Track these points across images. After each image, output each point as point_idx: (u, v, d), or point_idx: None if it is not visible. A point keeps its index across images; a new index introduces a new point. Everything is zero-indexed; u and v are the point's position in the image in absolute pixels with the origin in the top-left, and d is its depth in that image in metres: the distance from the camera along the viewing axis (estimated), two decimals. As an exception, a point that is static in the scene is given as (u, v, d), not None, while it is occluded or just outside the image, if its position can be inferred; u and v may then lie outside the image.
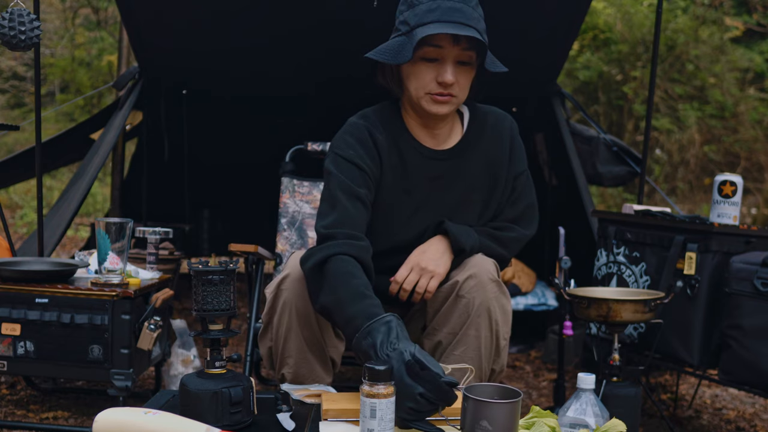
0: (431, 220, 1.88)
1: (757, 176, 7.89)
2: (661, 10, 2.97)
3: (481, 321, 1.80)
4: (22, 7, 2.34)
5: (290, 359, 1.84)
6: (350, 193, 1.78)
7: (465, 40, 1.74)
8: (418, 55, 1.76)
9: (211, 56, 3.70)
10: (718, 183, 2.51)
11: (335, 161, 1.83)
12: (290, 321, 1.82)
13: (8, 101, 10.58)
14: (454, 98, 1.80)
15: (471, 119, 1.95)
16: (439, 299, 1.85)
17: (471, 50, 1.76)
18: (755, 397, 3.16)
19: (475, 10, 1.77)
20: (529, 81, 3.83)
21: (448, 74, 1.75)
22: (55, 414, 2.55)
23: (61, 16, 10.07)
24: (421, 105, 1.81)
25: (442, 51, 1.75)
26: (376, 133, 1.87)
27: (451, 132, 1.93)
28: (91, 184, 3.25)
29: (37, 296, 2.31)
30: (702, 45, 7.96)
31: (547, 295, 3.87)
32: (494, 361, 1.88)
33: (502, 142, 1.94)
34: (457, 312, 1.81)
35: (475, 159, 1.92)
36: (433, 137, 1.91)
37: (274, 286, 1.87)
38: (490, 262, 1.84)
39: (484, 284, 1.79)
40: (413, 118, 1.90)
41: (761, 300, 2.22)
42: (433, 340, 1.88)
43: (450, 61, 1.76)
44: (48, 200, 6.81)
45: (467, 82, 1.81)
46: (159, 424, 1.33)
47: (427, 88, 1.78)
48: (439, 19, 1.71)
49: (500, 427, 1.29)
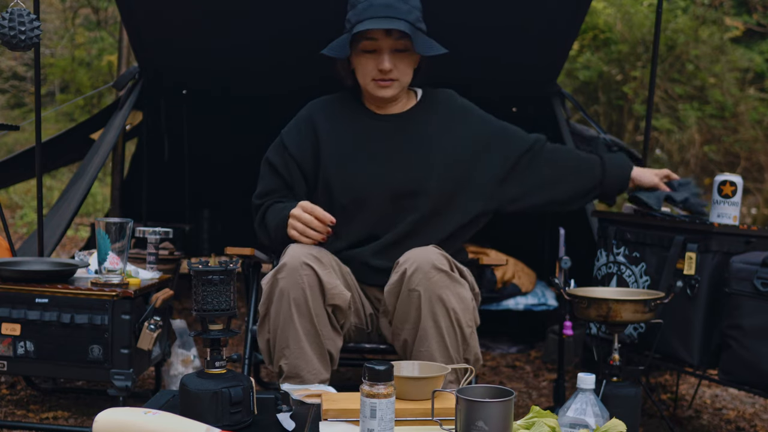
0: (392, 176, 2.09)
1: (757, 176, 7.89)
2: (661, 10, 2.97)
3: (437, 311, 1.84)
4: (22, 7, 2.34)
5: (287, 350, 1.85)
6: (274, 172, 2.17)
7: (396, 31, 1.99)
8: (360, 49, 2.05)
9: (211, 56, 3.70)
10: (718, 183, 2.51)
11: (271, 148, 2.21)
12: (288, 310, 1.84)
13: (8, 101, 10.57)
14: (396, 81, 2.08)
15: (423, 96, 2.23)
16: (393, 293, 1.91)
17: (404, 39, 2.02)
18: (755, 397, 3.16)
19: (406, 4, 2.02)
20: (529, 81, 3.83)
21: (386, 62, 2.03)
22: (55, 414, 2.55)
23: (61, 16, 10.06)
24: (368, 91, 2.11)
25: (378, 43, 2.03)
26: (317, 114, 2.18)
27: (405, 106, 2.19)
28: (91, 184, 3.24)
29: (37, 296, 2.30)
30: (702, 45, 7.95)
31: (547, 295, 3.87)
32: (464, 351, 1.89)
33: (457, 116, 2.20)
34: (413, 306, 1.86)
35: (431, 122, 2.16)
36: (387, 110, 2.17)
37: (270, 276, 1.88)
38: (434, 252, 1.91)
39: (429, 274, 1.84)
40: (368, 101, 2.19)
41: (761, 300, 2.22)
42: (400, 340, 1.92)
43: (386, 50, 2.04)
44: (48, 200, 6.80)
45: (407, 65, 2.08)
46: (159, 424, 1.33)
47: (370, 75, 2.07)
48: (373, 15, 1.99)
49: (496, 427, 1.29)
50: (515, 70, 3.71)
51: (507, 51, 3.53)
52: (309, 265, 1.86)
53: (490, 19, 3.32)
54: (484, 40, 3.39)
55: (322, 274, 1.87)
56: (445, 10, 2.41)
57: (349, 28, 2.05)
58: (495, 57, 3.54)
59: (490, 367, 3.52)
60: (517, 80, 3.84)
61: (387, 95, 2.09)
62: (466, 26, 3.18)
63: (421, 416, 1.51)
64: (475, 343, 1.92)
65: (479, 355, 1.95)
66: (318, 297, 1.87)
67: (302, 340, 1.85)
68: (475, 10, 3.23)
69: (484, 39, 3.37)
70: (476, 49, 3.31)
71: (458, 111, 2.22)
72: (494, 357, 3.72)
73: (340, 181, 2.09)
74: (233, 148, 4.54)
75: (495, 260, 2.37)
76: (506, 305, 3.78)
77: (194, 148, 4.39)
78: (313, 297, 1.86)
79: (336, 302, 1.89)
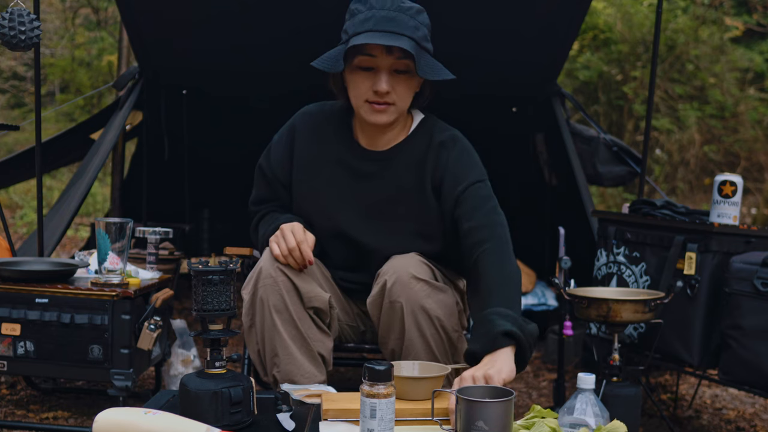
0: (354, 216, 1.92)
1: (757, 176, 7.89)
2: (661, 10, 2.97)
3: (421, 321, 1.80)
4: (22, 7, 2.34)
5: (277, 358, 1.83)
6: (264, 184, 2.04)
7: (398, 49, 1.74)
8: (355, 65, 1.79)
9: (211, 56, 3.70)
10: (718, 183, 2.51)
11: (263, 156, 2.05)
12: (270, 318, 1.82)
13: (8, 101, 10.57)
14: (392, 106, 1.81)
15: (417, 128, 1.94)
16: (376, 305, 1.85)
17: (406, 59, 1.76)
18: (755, 397, 3.16)
19: (413, 19, 1.76)
20: (529, 81, 3.83)
21: (382, 83, 1.76)
22: (55, 414, 2.55)
23: (61, 16, 10.06)
24: (361, 114, 1.84)
25: (376, 60, 1.76)
26: (299, 128, 1.97)
27: (397, 136, 1.93)
28: (91, 184, 3.25)
29: (37, 296, 2.30)
30: (702, 45, 7.95)
31: (547, 295, 3.87)
32: (453, 355, 1.86)
33: (440, 154, 1.89)
34: (396, 317, 1.81)
35: (405, 164, 1.90)
36: (373, 138, 1.92)
37: (250, 285, 1.85)
38: (415, 261, 1.82)
39: (408, 284, 1.78)
40: (358, 126, 1.94)
41: (761, 300, 2.22)
42: (387, 349, 1.88)
43: (385, 70, 1.77)
44: (48, 200, 6.80)
45: (406, 89, 1.82)
46: (159, 424, 1.33)
47: (364, 96, 1.80)
48: (373, 29, 1.72)
49: (496, 427, 1.29)
50: (515, 70, 3.71)
51: (507, 51, 3.53)
52: (282, 271, 1.82)
53: (490, 20, 3.32)
54: (484, 41, 3.39)
55: (296, 280, 1.82)
56: (445, 11, 2.41)
57: (345, 39, 1.79)
58: (495, 57, 3.54)
59: (490, 367, 3.52)
60: (517, 80, 3.84)
61: (380, 121, 1.83)
62: (468, 27, 3.19)
63: (421, 416, 1.51)
64: (463, 346, 1.87)
65: None
66: (297, 301, 1.82)
67: (290, 346, 1.82)
68: (475, 11, 3.24)
69: (484, 39, 3.38)
70: (476, 49, 3.31)
71: (444, 164, 1.89)
72: (494, 357, 3.71)
73: (307, 210, 1.97)
74: (233, 148, 4.54)
75: (495, 260, 2.36)
76: (506, 305, 3.77)
77: (194, 148, 4.39)
78: (292, 301, 1.81)
79: (315, 305, 1.85)
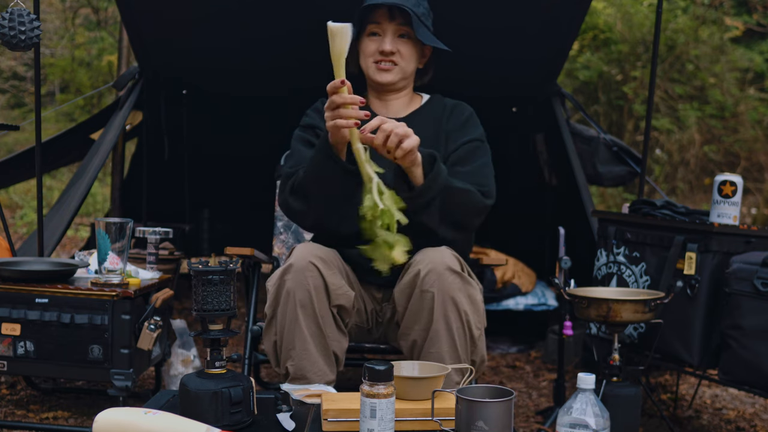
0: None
1: (757, 176, 7.88)
2: (661, 10, 2.97)
3: (449, 313, 1.83)
4: (22, 7, 2.34)
5: (293, 351, 1.85)
6: (306, 142, 2.12)
7: (400, 15, 2.06)
8: (365, 32, 2.11)
9: (211, 56, 3.70)
10: (718, 183, 2.51)
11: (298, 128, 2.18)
12: (294, 312, 1.84)
13: (8, 101, 10.57)
14: (397, 66, 2.10)
15: (428, 102, 2.21)
16: (405, 294, 1.89)
17: (407, 25, 2.07)
18: (755, 397, 3.16)
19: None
20: (529, 81, 3.83)
21: (387, 44, 2.08)
22: (55, 414, 2.55)
23: (61, 16, 10.06)
24: (369, 75, 2.13)
25: (381, 26, 2.09)
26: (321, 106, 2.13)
27: (407, 108, 2.19)
28: (91, 184, 3.24)
29: (37, 296, 2.31)
30: (702, 45, 7.95)
31: (547, 295, 3.87)
32: (472, 352, 1.89)
33: (455, 117, 2.15)
34: (425, 307, 1.85)
35: (425, 127, 2.09)
36: (387, 108, 2.18)
37: (276, 278, 1.88)
38: (448, 254, 1.88)
39: (443, 275, 1.83)
40: (371, 94, 2.20)
41: (761, 300, 2.22)
42: (408, 340, 1.91)
43: (389, 33, 2.09)
44: (48, 200, 6.80)
45: (409, 52, 2.11)
46: (159, 424, 1.33)
47: (372, 57, 2.11)
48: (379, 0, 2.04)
49: (496, 427, 1.29)
50: (515, 69, 3.71)
51: (507, 51, 3.53)
52: (314, 266, 1.86)
53: (491, 20, 3.32)
54: (485, 40, 3.39)
55: (327, 275, 1.87)
56: (446, 11, 2.41)
57: (357, 15, 2.10)
58: (495, 57, 3.54)
59: (490, 367, 3.52)
60: (517, 80, 3.84)
61: (386, 80, 2.10)
62: (467, 26, 3.18)
63: (421, 416, 1.51)
64: (482, 345, 1.93)
65: (485, 356, 1.96)
66: (323, 298, 1.87)
67: (308, 341, 1.85)
68: (475, 11, 3.23)
69: (484, 39, 3.37)
70: (476, 48, 3.31)
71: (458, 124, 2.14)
72: (494, 357, 3.72)
73: None
74: (233, 149, 4.54)
75: (495, 260, 2.37)
76: (506, 305, 3.78)
77: (194, 148, 4.39)
78: (318, 298, 1.86)
79: (341, 302, 1.89)
